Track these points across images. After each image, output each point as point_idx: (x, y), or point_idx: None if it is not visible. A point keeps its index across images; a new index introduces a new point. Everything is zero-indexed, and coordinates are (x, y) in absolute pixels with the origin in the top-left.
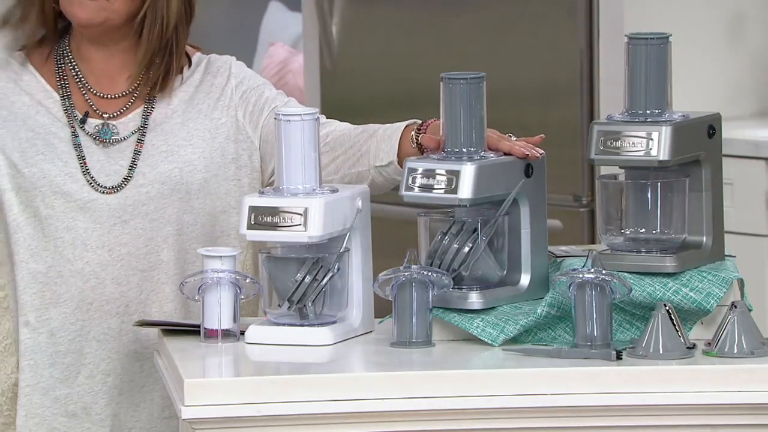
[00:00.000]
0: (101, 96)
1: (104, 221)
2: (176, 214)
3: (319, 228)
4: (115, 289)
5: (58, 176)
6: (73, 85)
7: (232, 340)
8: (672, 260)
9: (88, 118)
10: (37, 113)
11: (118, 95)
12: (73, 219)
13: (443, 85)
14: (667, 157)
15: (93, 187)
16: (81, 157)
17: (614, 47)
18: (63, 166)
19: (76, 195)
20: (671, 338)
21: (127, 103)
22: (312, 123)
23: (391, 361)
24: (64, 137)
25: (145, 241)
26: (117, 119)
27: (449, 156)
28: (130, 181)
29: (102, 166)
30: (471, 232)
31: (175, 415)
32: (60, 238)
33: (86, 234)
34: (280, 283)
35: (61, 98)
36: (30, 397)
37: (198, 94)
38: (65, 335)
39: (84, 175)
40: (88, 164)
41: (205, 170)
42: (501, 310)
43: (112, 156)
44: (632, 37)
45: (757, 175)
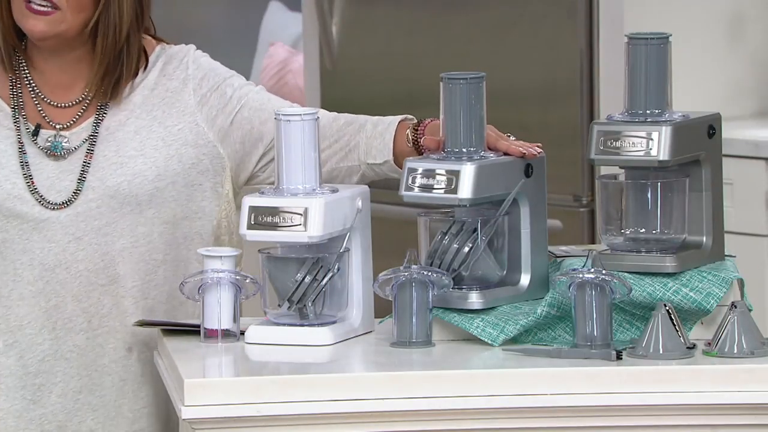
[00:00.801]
0: (55, 105)
1: (59, 239)
2: (129, 227)
3: (319, 228)
4: (76, 306)
5: (7, 199)
6: (26, 95)
7: (232, 340)
8: (672, 260)
9: (40, 130)
10: None
11: (71, 103)
12: (28, 240)
13: (443, 85)
14: (667, 157)
15: (43, 205)
16: (28, 176)
17: (614, 47)
18: (11, 188)
19: (28, 215)
20: (671, 338)
21: (79, 111)
22: (312, 123)
23: (391, 361)
24: (12, 154)
25: (101, 256)
26: (69, 129)
27: (449, 156)
28: (79, 195)
29: (52, 182)
30: (471, 232)
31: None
32: (18, 260)
33: (42, 254)
34: (281, 283)
35: (11, 111)
36: (5, 420)
37: (152, 98)
38: (33, 356)
39: (32, 194)
40: (36, 182)
41: (156, 179)
42: (501, 310)
43: (64, 168)
44: (632, 37)
45: (757, 175)
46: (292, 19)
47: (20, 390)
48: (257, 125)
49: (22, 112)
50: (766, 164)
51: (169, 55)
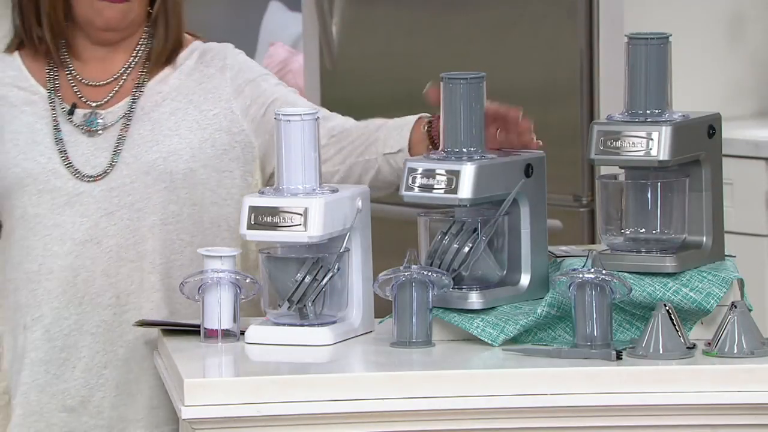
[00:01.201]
0: (91, 84)
1: (90, 214)
2: (161, 204)
3: (319, 228)
4: (105, 281)
5: (41, 174)
6: (63, 77)
7: (232, 340)
8: (672, 260)
9: (76, 109)
10: (22, 113)
11: (107, 81)
12: (60, 215)
13: (443, 85)
14: (667, 157)
15: (78, 178)
16: (63, 152)
17: (614, 47)
18: (46, 162)
19: (62, 190)
20: (671, 338)
21: (115, 88)
22: (312, 123)
23: (391, 361)
24: (48, 133)
25: (131, 232)
26: (105, 107)
27: (449, 156)
28: (113, 169)
29: (87, 158)
30: (471, 232)
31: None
32: (48, 235)
33: (74, 228)
34: (281, 283)
35: (48, 92)
36: (27, 395)
37: (188, 82)
38: (59, 331)
39: (67, 168)
40: (71, 157)
41: (191, 160)
42: (501, 310)
43: (98, 145)
44: (632, 37)
45: (757, 175)
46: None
47: (44, 364)
48: None
49: (58, 93)
50: (766, 164)
51: (207, 48)
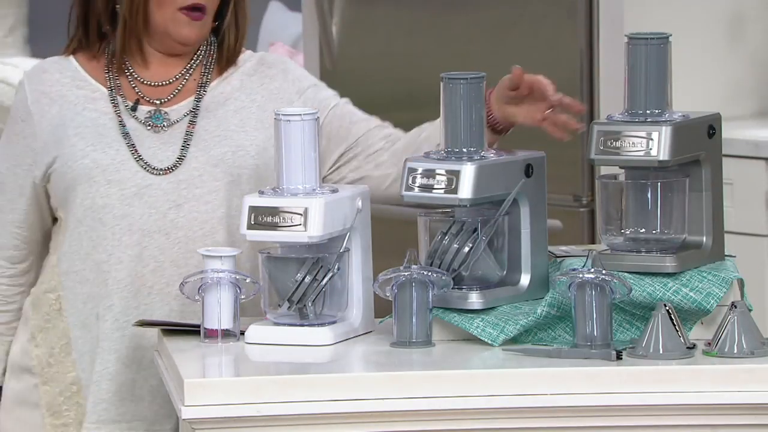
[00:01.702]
0: (152, 84)
1: (159, 206)
2: (226, 197)
3: (319, 228)
4: (174, 271)
5: (110, 165)
6: (122, 77)
7: (232, 340)
8: (672, 260)
9: (139, 105)
10: (84, 109)
11: (169, 81)
12: (129, 205)
13: (443, 84)
14: (667, 157)
15: (147, 171)
16: (131, 145)
17: (614, 47)
18: (115, 154)
19: (130, 181)
20: (671, 338)
21: (178, 87)
22: (312, 123)
23: (391, 361)
24: (112, 128)
25: (200, 224)
26: (168, 105)
27: (449, 156)
28: (182, 163)
29: (154, 152)
30: (471, 232)
31: None
32: (117, 225)
33: (142, 219)
34: (280, 283)
35: (108, 91)
36: (98, 384)
37: (251, 83)
38: (128, 321)
39: (137, 161)
40: (139, 150)
41: (257, 156)
42: (501, 310)
43: (164, 140)
44: (632, 37)
45: (757, 175)
46: (292, 19)
47: (115, 353)
48: (347, 124)
49: (119, 92)
50: (766, 164)
51: (265, 54)
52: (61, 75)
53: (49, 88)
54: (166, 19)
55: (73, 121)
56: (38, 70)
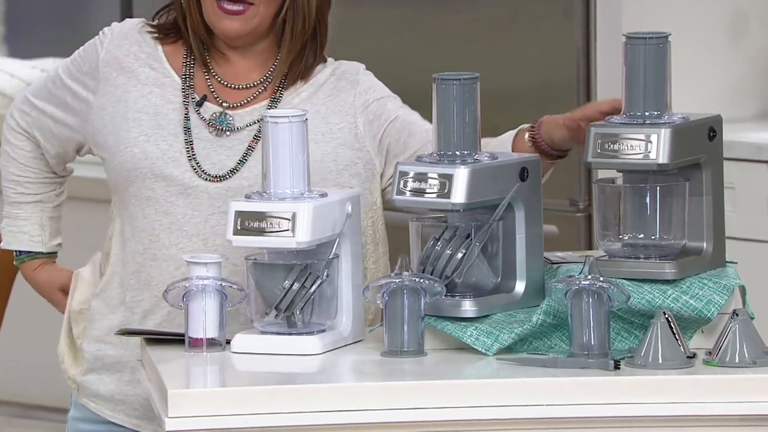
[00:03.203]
0: (225, 84)
1: (203, 209)
2: None
3: (307, 234)
4: None
5: (160, 159)
6: (198, 70)
7: (218, 350)
8: (671, 267)
9: (205, 102)
10: (151, 93)
11: (244, 86)
12: (172, 204)
13: (436, 86)
14: (667, 161)
15: (197, 173)
16: (188, 142)
17: (612, 47)
18: (167, 148)
19: (178, 179)
20: (671, 347)
21: (252, 96)
22: (300, 125)
23: (382, 371)
24: (174, 119)
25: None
26: (236, 110)
27: (442, 159)
28: (236, 173)
29: (208, 153)
30: (464, 238)
31: None
32: (158, 221)
33: (183, 220)
34: (268, 291)
35: (182, 80)
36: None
37: (319, 94)
38: (155, 318)
39: (189, 160)
40: (195, 149)
41: (312, 174)
42: (495, 318)
43: (223, 145)
44: (630, 37)
45: (759, 179)
46: None
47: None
48: (405, 137)
49: (191, 82)
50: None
51: (339, 63)
52: (139, 48)
53: (124, 56)
54: (209, 13)
55: (137, 102)
56: (120, 34)
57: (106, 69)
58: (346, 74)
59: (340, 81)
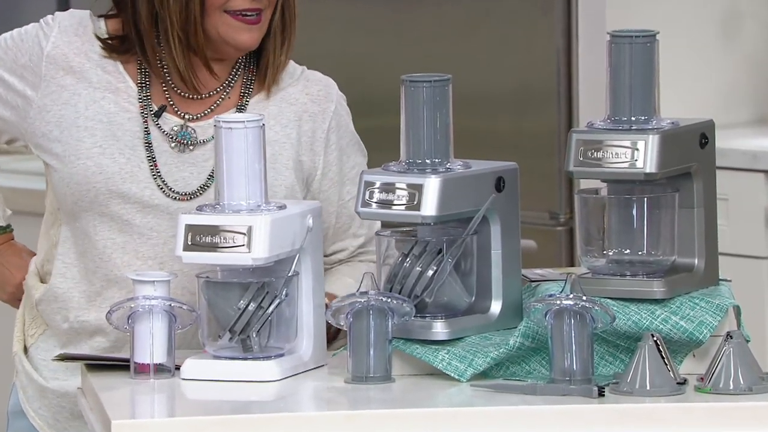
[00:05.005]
0: (184, 95)
1: (162, 230)
2: None
3: (264, 249)
4: None
5: (116, 174)
6: (154, 78)
7: (166, 376)
8: (660, 285)
9: (164, 113)
10: (104, 98)
11: (204, 96)
12: (128, 223)
13: (404, 88)
14: (655, 170)
15: (163, 192)
16: (151, 158)
17: (595, 46)
18: (125, 163)
19: (136, 197)
20: (659, 373)
21: (213, 105)
22: (256, 131)
23: (346, 399)
24: (130, 130)
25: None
26: (197, 122)
27: (411, 168)
28: (207, 190)
29: (170, 169)
30: (435, 254)
31: None
32: (111, 240)
33: (140, 241)
34: (221, 311)
35: (138, 88)
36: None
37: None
38: (100, 341)
39: (155, 177)
40: (159, 164)
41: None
42: (469, 341)
43: (185, 160)
44: (615, 35)
45: (754, 190)
46: None
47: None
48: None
49: (148, 92)
50: (765, 177)
51: (311, 77)
52: (91, 47)
53: (74, 54)
54: (215, 23)
55: (88, 108)
56: (70, 28)
57: (51, 66)
58: (319, 98)
59: (314, 104)
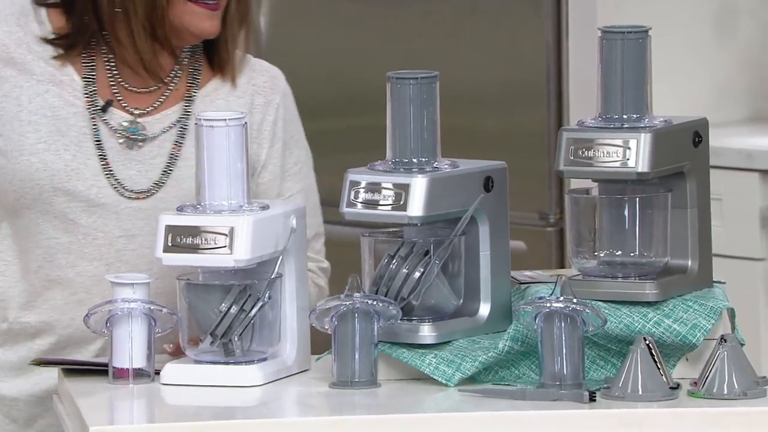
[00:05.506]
0: (131, 89)
1: (109, 230)
2: None
3: (246, 250)
4: None
5: (62, 170)
6: (100, 72)
7: (146, 381)
8: (652, 287)
9: (111, 108)
10: (47, 91)
11: (151, 89)
12: (74, 222)
13: (390, 85)
14: (647, 169)
15: (117, 190)
16: (101, 155)
17: (586, 42)
18: (71, 159)
19: (82, 195)
20: (652, 377)
21: (161, 98)
22: (239, 129)
23: (331, 404)
24: (76, 125)
25: (148, 264)
26: (146, 116)
27: (397, 167)
28: (162, 187)
29: (117, 167)
30: (422, 255)
31: None
32: (55, 239)
33: (85, 241)
34: (202, 315)
35: (84, 83)
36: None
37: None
38: (41, 344)
39: (107, 176)
40: (110, 161)
41: None
42: (457, 345)
43: (133, 158)
44: (606, 31)
45: (749, 190)
46: None
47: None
48: None
49: (94, 86)
50: (760, 177)
51: (256, 66)
52: (30, 39)
53: (15, 45)
54: (181, 12)
55: (31, 102)
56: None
57: None
58: (265, 89)
59: (259, 96)
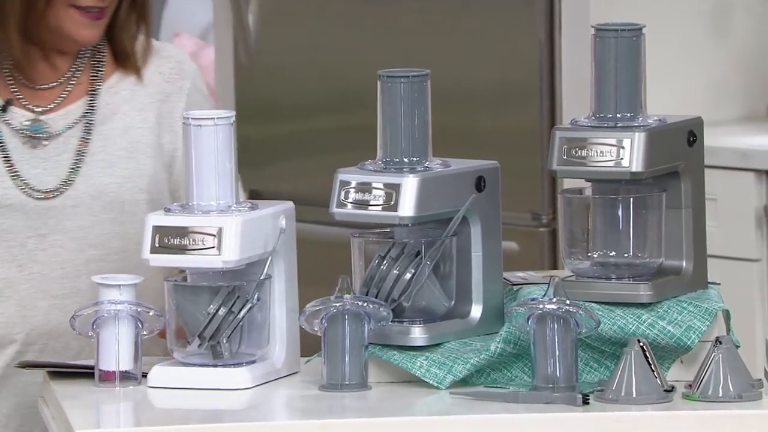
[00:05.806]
0: (31, 87)
1: (17, 231)
2: (105, 237)
3: (235, 251)
4: (16, 312)
5: None
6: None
7: (133, 384)
8: (647, 289)
9: (11, 107)
10: None
11: (51, 84)
12: None
13: (381, 83)
14: (641, 168)
15: (23, 191)
16: (6, 157)
17: (579, 40)
18: None
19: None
20: (646, 379)
21: (63, 93)
22: (227, 128)
23: (320, 407)
24: None
25: (61, 263)
26: (49, 113)
27: (388, 167)
28: (70, 186)
29: (22, 166)
30: (413, 256)
31: None
32: None
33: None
34: (190, 316)
35: None
36: None
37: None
38: None
39: (13, 177)
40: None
41: (147, 190)
42: (448, 347)
43: (37, 156)
44: (600, 29)
45: (745, 189)
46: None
47: None
48: None
49: None
50: (756, 176)
51: (162, 52)
52: None
53: None
54: (59, 17)
55: None
56: None
57: None
58: (173, 75)
59: (168, 83)
